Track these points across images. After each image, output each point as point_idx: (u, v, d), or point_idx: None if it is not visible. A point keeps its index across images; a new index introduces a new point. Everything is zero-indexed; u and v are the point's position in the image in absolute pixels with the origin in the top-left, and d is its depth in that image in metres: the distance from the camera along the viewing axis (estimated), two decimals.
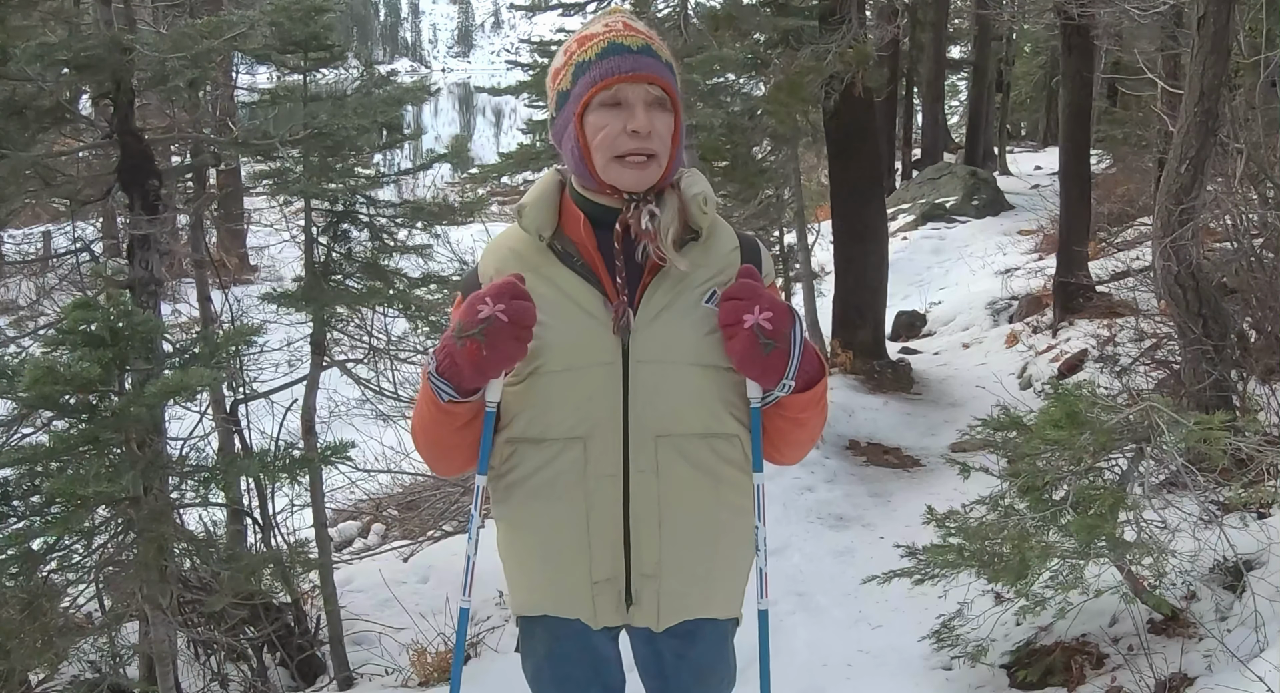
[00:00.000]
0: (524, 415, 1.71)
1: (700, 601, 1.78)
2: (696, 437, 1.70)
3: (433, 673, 4.29)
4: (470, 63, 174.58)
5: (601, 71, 1.64)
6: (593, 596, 1.73)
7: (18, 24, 4.17)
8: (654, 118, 1.63)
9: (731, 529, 1.78)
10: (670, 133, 1.66)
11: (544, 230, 1.72)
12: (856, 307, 8.14)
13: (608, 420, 1.67)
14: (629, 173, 1.64)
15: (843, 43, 6.83)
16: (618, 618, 1.75)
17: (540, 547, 1.75)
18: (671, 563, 1.71)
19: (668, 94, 1.65)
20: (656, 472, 1.68)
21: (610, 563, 1.71)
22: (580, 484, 1.68)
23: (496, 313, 1.57)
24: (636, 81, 1.63)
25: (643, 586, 1.72)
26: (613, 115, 1.63)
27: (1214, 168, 4.88)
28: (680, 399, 1.68)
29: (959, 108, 25.05)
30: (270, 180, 4.52)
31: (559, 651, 1.83)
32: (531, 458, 1.70)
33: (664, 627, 1.76)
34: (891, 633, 4.11)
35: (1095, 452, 3.42)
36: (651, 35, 1.69)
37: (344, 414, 5.99)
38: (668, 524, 1.70)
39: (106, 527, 3.30)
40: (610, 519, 1.69)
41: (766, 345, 1.59)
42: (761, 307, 1.58)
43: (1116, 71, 11.88)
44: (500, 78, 11.64)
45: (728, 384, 1.71)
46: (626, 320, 1.65)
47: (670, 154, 1.67)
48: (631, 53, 1.64)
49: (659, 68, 1.65)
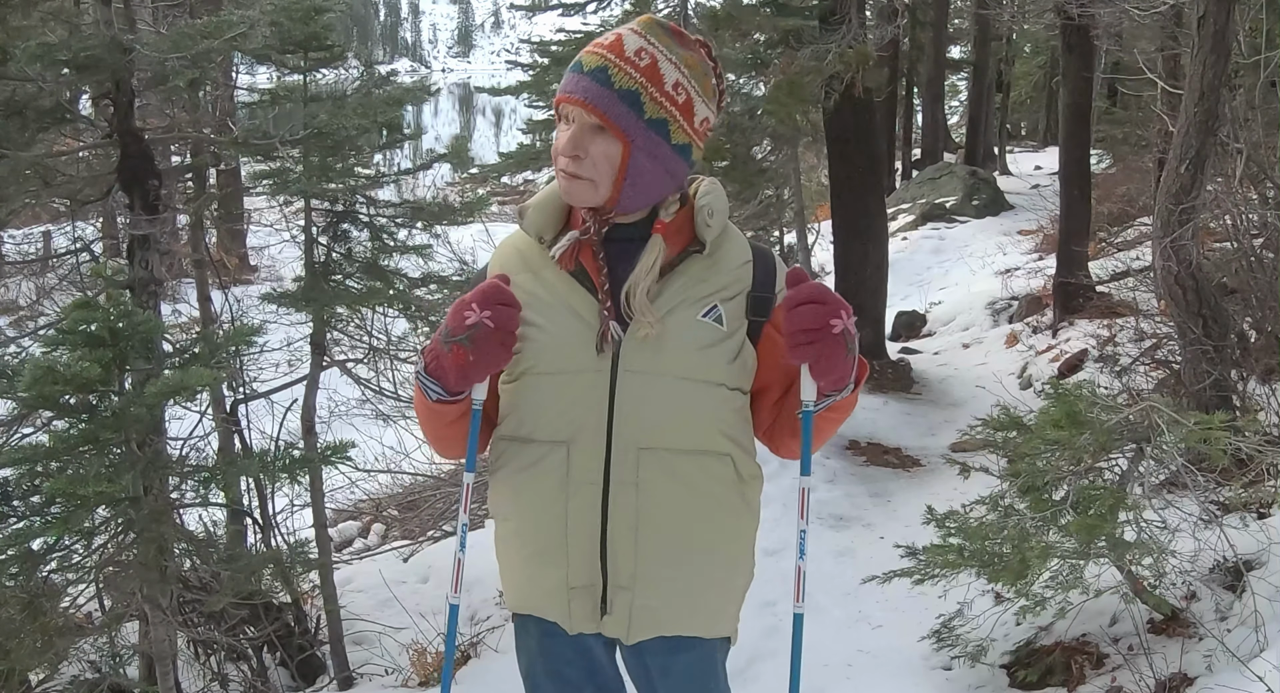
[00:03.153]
0: (514, 416, 1.72)
1: (674, 617, 1.75)
2: (683, 453, 1.68)
3: (433, 673, 4.29)
4: (470, 63, 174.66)
5: (561, 86, 1.68)
6: (568, 600, 1.72)
7: (18, 24, 4.17)
8: (590, 142, 1.62)
9: (718, 549, 1.75)
10: (614, 161, 1.63)
11: (545, 233, 1.72)
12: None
13: (592, 428, 1.66)
14: (561, 185, 1.68)
15: (843, 43, 6.83)
16: (591, 626, 1.74)
17: (523, 546, 1.76)
18: (646, 577, 1.69)
19: (606, 124, 1.61)
20: (637, 485, 1.67)
21: (587, 570, 1.70)
22: (562, 489, 1.68)
23: (483, 319, 1.56)
24: (573, 105, 1.63)
25: (616, 596, 1.71)
26: (563, 129, 1.66)
27: (1214, 168, 4.88)
28: (666, 413, 1.66)
29: (959, 108, 25.04)
30: (270, 180, 4.51)
31: (551, 648, 1.83)
32: (518, 457, 1.72)
33: (634, 640, 1.75)
34: (891, 633, 4.11)
35: (1095, 452, 3.42)
36: (625, 54, 1.64)
37: (344, 414, 5.99)
38: (644, 538, 1.68)
39: (106, 527, 3.30)
40: (588, 528, 1.68)
41: (852, 350, 1.59)
42: (846, 311, 1.57)
43: (1116, 71, 11.89)
44: (500, 78, 11.65)
45: (720, 401, 1.69)
46: (610, 333, 1.65)
47: (615, 181, 1.64)
48: (581, 73, 1.64)
49: (600, 95, 1.61)
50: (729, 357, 1.68)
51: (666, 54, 1.66)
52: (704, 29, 7.00)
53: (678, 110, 1.65)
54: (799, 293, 1.57)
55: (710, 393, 1.68)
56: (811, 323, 1.55)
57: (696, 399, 1.67)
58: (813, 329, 1.55)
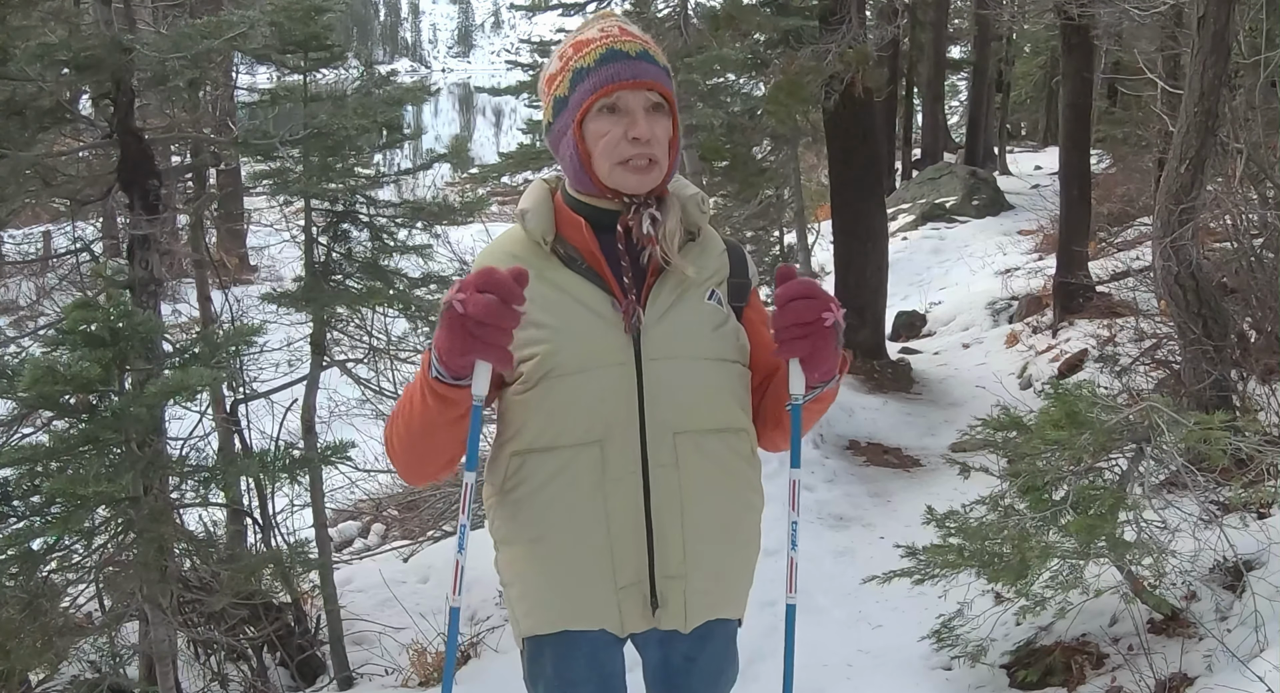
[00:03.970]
0: (533, 424, 1.67)
1: (721, 598, 1.78)
2: (712, 432, 1.71)
3: (433, 673, 4.29)
4: (470, 63, 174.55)
5: (601, 78, 1.64)
6: (618, 602, 1.70)
7: (18, 24, 4.17)
8: (654, 123, 1.65)
9: (746, 525, 1.80)
10: (669, 137, 1.68)
11: (547, 235, 1.73)
12: (856, 307, 8.12)
13: (624, 421, 1.66)
14: (633, 178, 1.65)
15: (843, 43, 6.83)
16: (644, 623, 1.73)
17: (559, 559, 1.70)
18: (696, 560, 1.71)
19: (665, 99, 1.67)
20: (677, 465, 1.68)
21: (634, 566, 1.69)
22: (599, 488, 1.66)
23: (454, 300, 1.49)
24: (636, 88, 1.64)
25: (668, 587, 1.70)
26: (613, 122, 1.64)
27: (1214, 168, 4.89)
28: (695, 394, 1.69)
29: (959, 108, 25.02)
30: (270, 180, 4.52)
31: (567, 673, 1.77)
32: (543, 467, 1.67)
33: (691, 627, 1.75)
34: (891, 633, 4.11)
35: (1095, 452, 3.42)
36: (647, 40, 1.71)
37: (344, 414, 6.00)
38: (690, 519, 1.69)
39: (106, 527, 3.31)
40: (632, 520, 1.67)
41: (840, 342, 1.62)
42: (835, 304, 1.60)
43: (1116, 71, 11.89)
44: (500, 78, 11.65)
45: (735, 378, 1.73)
46: (638, 318, 1.66)
47: (670, 158, 1.69)
48: (630, 59, 1.65)
49: (657, 73, 1.67)
50: (735, 335, 1.74)
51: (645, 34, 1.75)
52: (704, 29, 7.00)
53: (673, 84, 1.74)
54: (789, 289, 1.59)
55: (728, 370, 1.72)
56: (805, 317, 1.58)
57: (719, 378, 1.71)
58: (806, 323, 1.58)
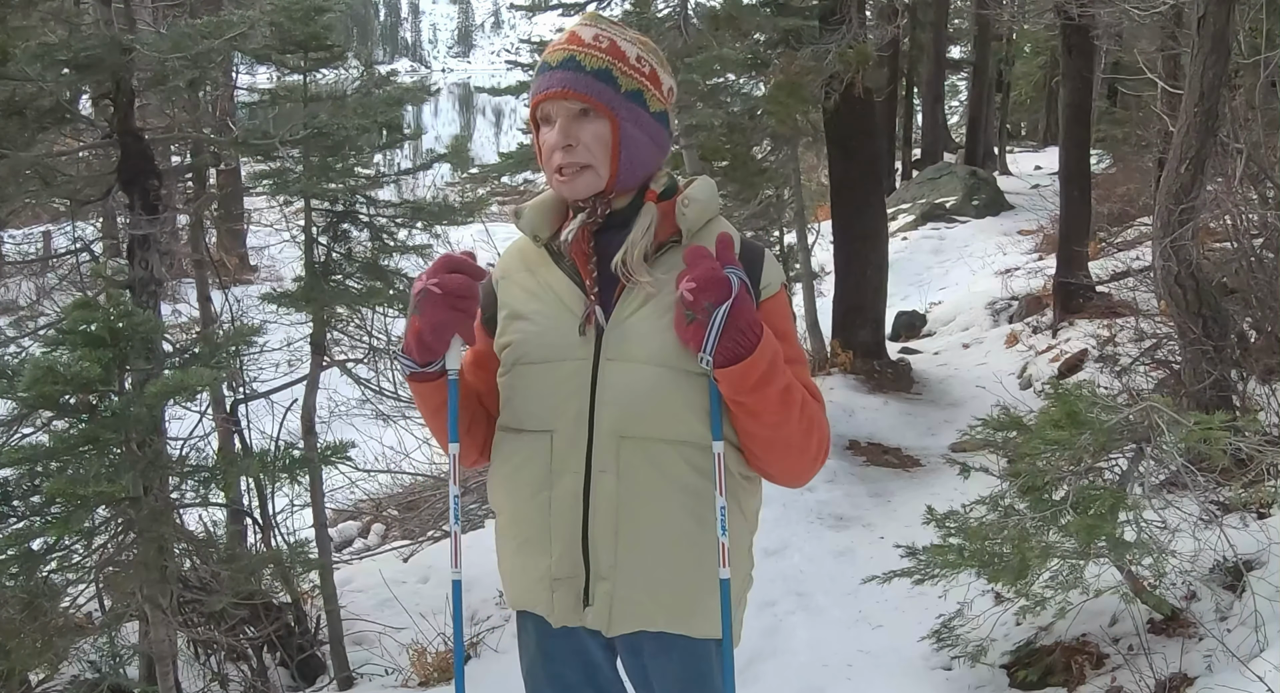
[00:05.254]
0: (508, 407, 1.77)
1: (655, 611, 1.72)
2: (664, 442, 1.67)
3: (433, 673, 4.29)
4: (470, 63, 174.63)
5: (533, 90, 1.72)
6: (551, 591, 1.74)
7: (18, 24, 4.17)
8: (579, 128, 1.66)
9: (700, 543, 1.70)
10: (605, 139, 1.67)
11: (540, 231, 1.78)
12: (857, 307, 8.13)
13: (574, 416, 1.68)
14: (564, 187, 1.70)
15: (843, 43, 6.83)
16: (575, 618, 1.74)
17: (513, 537, 1.79)
18: (626, 566, 1.69)
19: (590, 104, 1.66)
20: (618, 473, 1.67)
21: (570, 561, 1.71)
22: (545, 479, 1.71)
23: (429, 286, 1.65)
24: (555, 99, 1.67)
25: (597, 587, 1.71)
26: (547, 132, 1.69)
27: (1214, 168, 4.88)
28: (643, 401, 1.66)
29: (959, 108, 25.04)
30: (270, 180, 4.51)
31: (551, 650, 1.83)
32: (512, 447, 1.76)
33: (614, 633, 1.74)
34: (891, 633, 4.11)
35: (1095, 452, 3.41)
36: (585, 42, 1.68)
37: (344, 414, 6.00)
38: (624, 527, 1.68)
39: (106, 527, 3.30)
40: (570, 516, 1.69)
41: (687, 316, 1.60)
42: (690, 277, 1.58)
43: (1116, 71, 11.89)
44: (500, 78, 11.62)
45: (700, 390, 1.67)
46: (594, 317, 1.68)
47: (611, 159, 1.68)
48: (552, 69, 1.68)
49: (577, 80, 1.66)
50: None
51: (620, 34, 1.72)
52: (704, 29, 6.99)
53: (647, 80, 1.71)
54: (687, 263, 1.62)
55: (690, 382, 1.66)
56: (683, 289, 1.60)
57: (676, 388, 1.67)
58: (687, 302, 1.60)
